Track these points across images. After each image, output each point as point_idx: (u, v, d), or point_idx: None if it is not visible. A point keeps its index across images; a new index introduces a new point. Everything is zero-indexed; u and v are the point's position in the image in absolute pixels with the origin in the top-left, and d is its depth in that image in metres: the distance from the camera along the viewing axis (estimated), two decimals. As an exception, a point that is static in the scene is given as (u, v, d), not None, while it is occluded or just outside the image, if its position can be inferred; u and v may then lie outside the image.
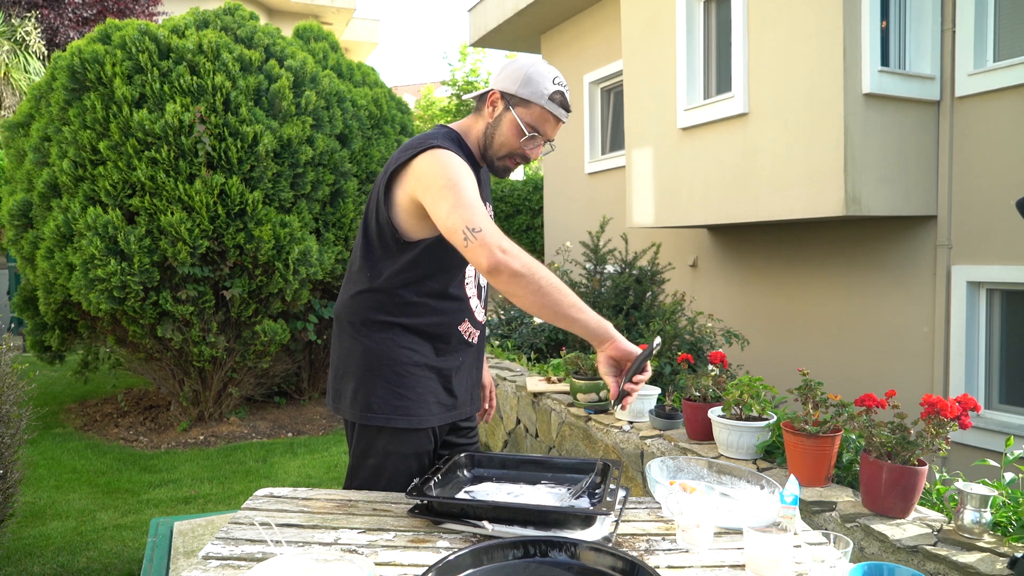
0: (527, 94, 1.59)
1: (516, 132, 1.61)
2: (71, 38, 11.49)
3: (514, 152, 1.64)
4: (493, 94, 1.64)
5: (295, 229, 5.06)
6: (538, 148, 1.65)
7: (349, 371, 1.67)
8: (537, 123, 1.61)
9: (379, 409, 1.62)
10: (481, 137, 1.67)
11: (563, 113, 1.63)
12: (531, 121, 1.61)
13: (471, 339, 1.73)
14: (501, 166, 1.67)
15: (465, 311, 1.69)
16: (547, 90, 1.60)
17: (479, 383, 1.85)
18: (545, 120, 1.61)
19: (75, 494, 4.21)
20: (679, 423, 3.02)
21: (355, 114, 5.74)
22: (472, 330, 1.73)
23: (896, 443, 1.96)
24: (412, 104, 18.62)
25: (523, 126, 1.60)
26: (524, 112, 1.60)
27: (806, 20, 4.73)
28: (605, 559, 1.13)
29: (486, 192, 1.76)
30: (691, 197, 5.90)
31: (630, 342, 1.47)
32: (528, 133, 1.61)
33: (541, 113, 1.61)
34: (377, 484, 1.65)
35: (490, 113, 1.65)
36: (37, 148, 5.12)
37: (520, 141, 1.62)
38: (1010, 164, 4.45)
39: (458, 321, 1.68)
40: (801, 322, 5.81)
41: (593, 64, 8.50)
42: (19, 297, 5.90)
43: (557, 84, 1.62)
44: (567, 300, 1.41)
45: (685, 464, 1.65)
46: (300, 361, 6.26)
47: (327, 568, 1.11)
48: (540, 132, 1.62)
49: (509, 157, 1.65)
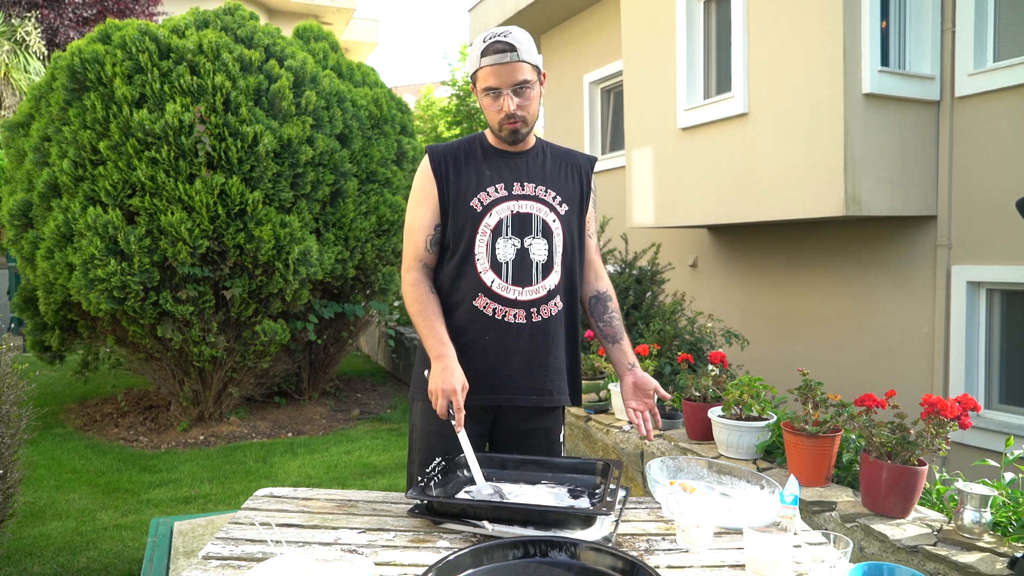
0: (471, 69, 1.72)
1: (486, 104, 1.72)
2: (71, 38, 11.49)
3: (498, 119, 1.72)
4: (472, 85, 1.77)
5: (295, 229, 5.06)
6: (506, 99, 1.68)
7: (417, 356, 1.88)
8: (488, 82, 1.68)
9: (415, 386, 1.83)
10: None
11: (501, 57, 1.66)
12: (484, 85, 1.69)
13: (501, 316, 1.74)
14: (506, 135, 1.75)
15: (479, 286, 1.74)
16: (479, 50, 1.68)
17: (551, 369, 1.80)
18: (491, 75, 1.67)
19: (75, 494, 4.21)
20: (679, 423, 3.02)
21: (355, 114, 5.74)
22: (497, 306, 1.74)
23: (896, 443, 1.96)
24: (412, 104, 18.60)
25: (482, 94, 1.71)
26: (480, 82, 1.71)
27: (806, 20, 4.73)
28: (605, 559, 1.13)
29: (519, 175, 1.79)
30: (691, 197, 5.90)
31: (456, 369, 1.62)
32: (488, 96, 1.70)
33: (484, 72, 1.68)
34: (411, 455, 1.85)
35: (478, 103, 1.77)
36: (37, 148, 5.12)
37: (492, 108, 1.71)
38: (1010, 164, 4.45)
39: (472, 296, 1.74)
40: (801, 322, 5.81)
41: (593, 64, 8.49)
42: (19, 297, 5.91)
43: (488, 40, 1.68)
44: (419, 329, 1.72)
45: (685, 464, 1.65)
46: (300, 361, 6.26)
47: (327, 568, 1.11)
48: (494, 86, 1.68)
49: (503, 123, 1.72)
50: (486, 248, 1.74)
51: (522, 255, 1.76)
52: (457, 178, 1.76)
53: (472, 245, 1.74)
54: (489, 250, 1.74)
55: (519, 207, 1.77)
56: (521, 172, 1.80)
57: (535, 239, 1.77)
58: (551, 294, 1.78)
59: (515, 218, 1.76)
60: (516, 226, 1.76)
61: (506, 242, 1.76)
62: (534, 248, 1.77)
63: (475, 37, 10.59)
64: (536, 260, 1.77)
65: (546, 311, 1.78)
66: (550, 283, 1.78)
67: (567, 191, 1.83)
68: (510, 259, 1.75)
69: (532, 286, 1.77)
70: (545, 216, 1.79)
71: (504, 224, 1.76)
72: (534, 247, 1.77)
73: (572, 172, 1.86)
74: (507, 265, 1.75)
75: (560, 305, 1.81)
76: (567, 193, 1.82)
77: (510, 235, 1.76)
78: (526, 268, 1.76)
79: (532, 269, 1.77)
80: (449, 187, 1.75)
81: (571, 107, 8.98)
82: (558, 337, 1.81)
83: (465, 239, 1.74)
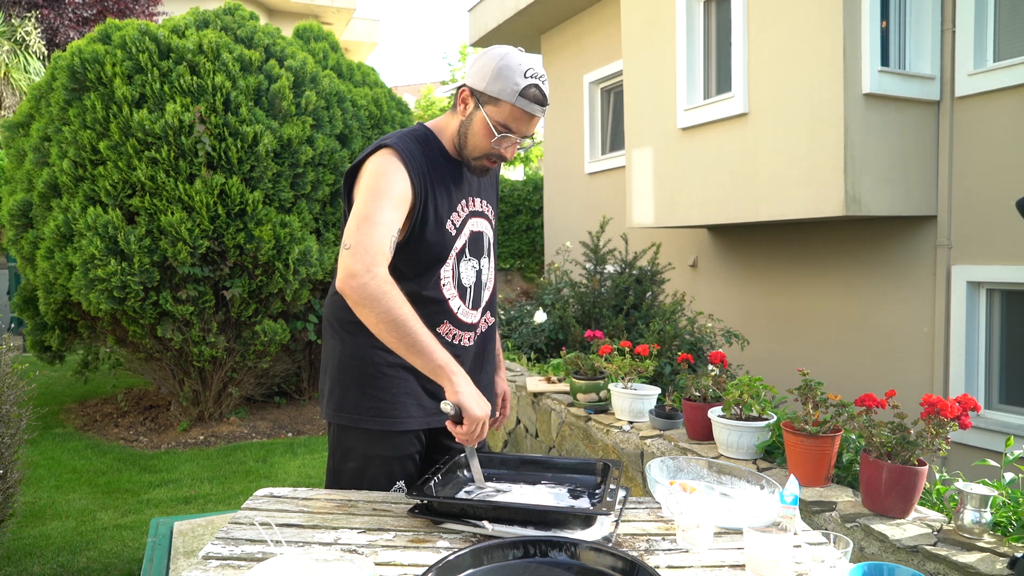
0: (496, 91, 1.48)
1: (487, 132, 1.52)
2: (71, 38, 11.49)
3: (488, 153, 1.56)
4: (463, 91, 1.55)
5: (295, 229, 5.06)
6: (513, 147, 1.55)
7: (328, 370, 1.66)
8: (508, 121, 1.50)
9: (352, 409, 1.59)
10: (455, 136, 1.59)
11: (537, 109, 1.50)
12: (502, 120, 1.50)
13: (457, 341, 1.65)
14: (478, 166, 1.59)
15: (444, 313, 1.61)
16: (518, 86, 1.47)
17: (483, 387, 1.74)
18: (517, 118, 1.50)
19: (75, 494, 4.21)
20: (679, 423, 3.02)
21: (355, 114, 5.74)
22: (456, 332, 1.64)
23: (896, 443, 1.96)
24: (412, 104, 18.62)
25: (493, 126, 1.50)
26: (494, 111, 1.50)
27: (806, 20, 4.73)
28: (605, 559, 1.13)
29: (469, 189, 1.65)
30: (691, 197, 5.90)
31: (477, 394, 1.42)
32: (499, 133, 1.51)
33: (512, 111, 1.49)
34: (359, 487, 1.63)
35: (463, 111, 1.56)
36: (37, 148, 5.12)
37: (492, 141, 1.53)
38: (1010, 164, 4.45)
39: (435, 323, 1.58)
40: (801, 322, 5.81)
41: (593, 64, 8.50)
42: (19, 297, 5.90)
43: (530, 77, 1.48)
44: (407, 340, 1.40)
45: (685, 464, 1.65)
46: (300, 361, 6.26)
47: (327, 568, 1.11)
48: (512, 131, 1.51)
49: (485, 157, 1.57)
50: (452, 272, 1.61)
51: (479, 276, 1.68)
52: (435, 197, 1.55)
53: (440, 269, 1.59)
54: (456, 274, 1.62)
55: (474, 226, 1.66)
56: (472, 186, 1.67)
57: (484, 258, 1.70)
58: (484, 310, 1.73)
59: (472, 238, 1.65)
60: (473, 247, 1.66)
61: (467, 264, 1.65)
62: (484, 268, 1.70)
63: (474, 37, 10.51)
64: (483, 280, 1.70)
65: (483, 326, 1.74)
66: (484, 299, 1.72)
67: (493, 199, 1.76)
68: (472, 282, 1.66)
69: (480, 307, 1.70)
70: (488, 232, 1.71)
71: (466, 246, 1.64)
72: (484, 267, 1.70)
73: (493, 179, 1.78)
74: (470, 289, 1.66)
75: (491, 320, 1.77)
76: (494, 201, 1.77)
77: (469, 256, 1.65)
78: (479, 290, 1.69)
79: (482, 290, 1.70)
80: (427, 205, 1.53)
81: (571, 107, 8.98)
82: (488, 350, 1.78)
83: (434, 263, 1.58)
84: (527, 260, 11.40)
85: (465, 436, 1.43)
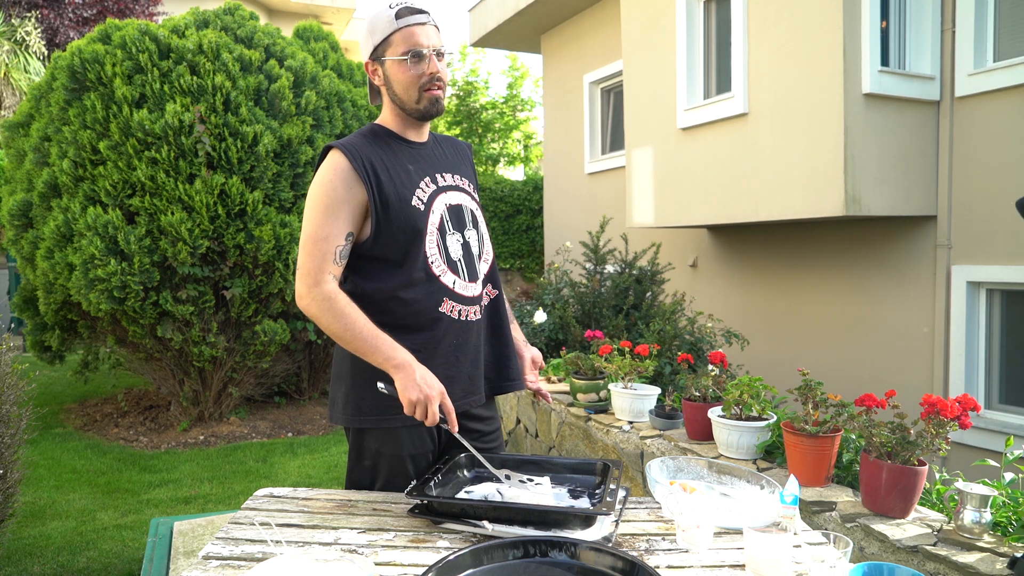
0: (379, 37, 1.57)
1: (402, 69, 1.56)
2: (71, 38, 11.49)
3: (419, 85, 1.58)
4: (366, 67, 1.64)
5: (295, 229, 5.06)
6: (432, 62, 1.57)
7: (342, 376, 1.67)
8: (408, 46, 1.55)
9: (371, 411, 1.61)
10: (393, 106, 1.63)
11: (419, 17, 1.56)
12: (402, 50, 1.55)
13: (464, 317, 1.65)
14: (425, 105, 1.60)
15: (441, 290, 1.61)
16: (389, 16, 1.55)
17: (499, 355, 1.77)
18: (409, 38, 1.55)
19: (75, 494, 4.21)
20: (679, 423, 3.02)
21: (355, 114, 5.74)
22: (460, 307, 1.64)
23: (896, 443, 1.96)
24: (412, 104, 18.56)
25: (400, 60, 1.56)
26: (392, 50, 1.57)
27: (806, 20, 4.73)
28: (605, 559, 1.13)
29: (434, 165, 1.68)
30: (691, 197, 5.90)
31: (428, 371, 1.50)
32: (409, 59, 1.55)
33: (401, 35, 1.55)
34: (373, 487, 1.65)
35: (380, 82, 1.63)
36: (37, 148, 5.12)
37: (412, 72, 1.56)
38: (1010, 164, 4.45)
39: (437, 303, 1.60)
40: (801, 322, 5.81)
41: (593, 64, 8.49)
42: (19, 297, 5.91)
43: (392, 6, 1.56)
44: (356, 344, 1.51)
45: (685, 464, 1.65)
46: (300, 361, 6.26)
47: (327, 568, 1.11)
48: (418, 47, 1.55)
49: (421, 90, 1.58)
50: (438, 248, 1.62)
51: (467, 249, 1.68)
52: (388, 177, 1.57)
53: (422, 248, 1.59)
54: (442, 249, 1.62)
55: (449, 199, 1.67)
56: (437, 162, 1.69)
57: (469, 230, 1.71)
58: (484, 283, 1.74)
59: (451, 211, 1.66)
60: (454, 220, 1.66)
61: (452, 238, 1.65)
62: (472, 240, 1.70)
63: (474, 37, 10.54)
64: (475, 252, 1.71)
65: (486, 299, 1.75)
66: (482, 272, 1.74)
67: (470, 177, 1.78)
68: (460, 255, 1.66)
69: (478, 280, 1.71)
70: (471, 205, 1.73)
71: (445, 219, 1.64)
72: (472, 238, 1.71)
73: (464, 158, 1.81)
74: (460, 262, 1.66)
75: (493, 292, 1.78)
76: (470, 179, 1.78)
77: (452, 230, 1.65)
78: (471, 261, 1.69)
79: (476, 262, 1.71)
80: (383, 188, 1.55)
81: (571, 107, 8.98)
82: (501, 324, 1.79)
83: (413, 243, 1.58)
84: (527, 260, 11.39)
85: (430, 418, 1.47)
